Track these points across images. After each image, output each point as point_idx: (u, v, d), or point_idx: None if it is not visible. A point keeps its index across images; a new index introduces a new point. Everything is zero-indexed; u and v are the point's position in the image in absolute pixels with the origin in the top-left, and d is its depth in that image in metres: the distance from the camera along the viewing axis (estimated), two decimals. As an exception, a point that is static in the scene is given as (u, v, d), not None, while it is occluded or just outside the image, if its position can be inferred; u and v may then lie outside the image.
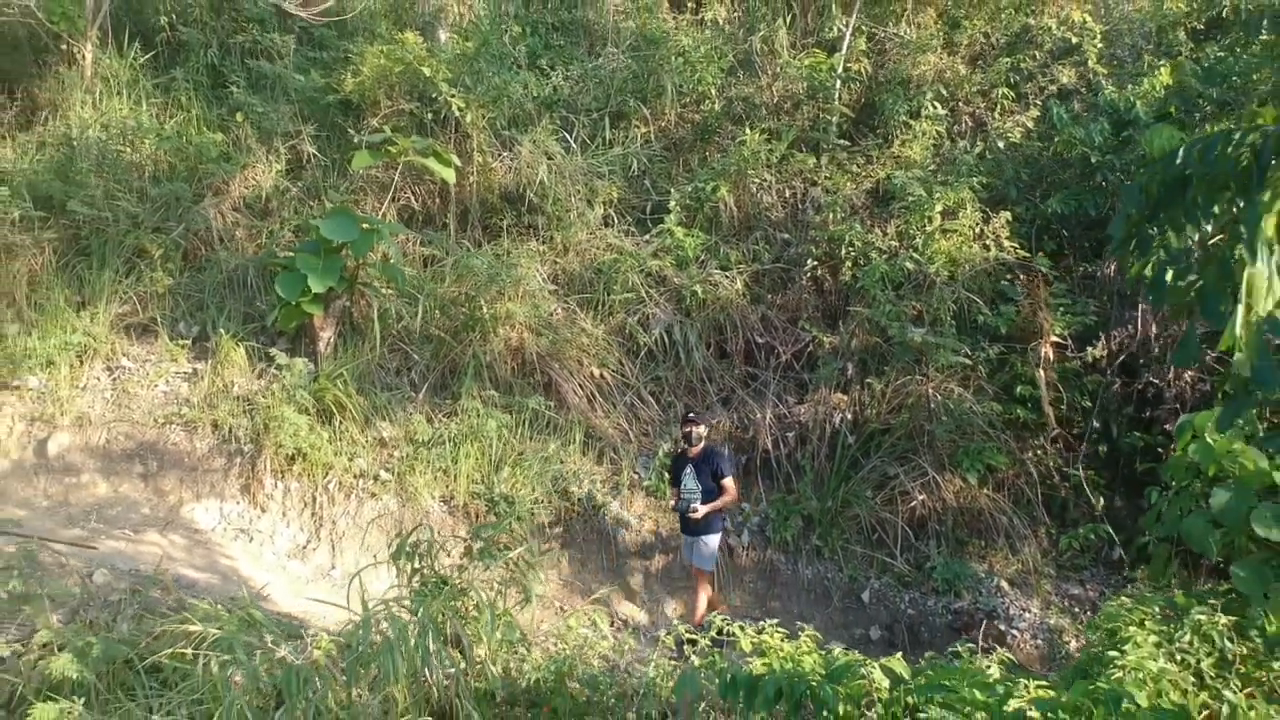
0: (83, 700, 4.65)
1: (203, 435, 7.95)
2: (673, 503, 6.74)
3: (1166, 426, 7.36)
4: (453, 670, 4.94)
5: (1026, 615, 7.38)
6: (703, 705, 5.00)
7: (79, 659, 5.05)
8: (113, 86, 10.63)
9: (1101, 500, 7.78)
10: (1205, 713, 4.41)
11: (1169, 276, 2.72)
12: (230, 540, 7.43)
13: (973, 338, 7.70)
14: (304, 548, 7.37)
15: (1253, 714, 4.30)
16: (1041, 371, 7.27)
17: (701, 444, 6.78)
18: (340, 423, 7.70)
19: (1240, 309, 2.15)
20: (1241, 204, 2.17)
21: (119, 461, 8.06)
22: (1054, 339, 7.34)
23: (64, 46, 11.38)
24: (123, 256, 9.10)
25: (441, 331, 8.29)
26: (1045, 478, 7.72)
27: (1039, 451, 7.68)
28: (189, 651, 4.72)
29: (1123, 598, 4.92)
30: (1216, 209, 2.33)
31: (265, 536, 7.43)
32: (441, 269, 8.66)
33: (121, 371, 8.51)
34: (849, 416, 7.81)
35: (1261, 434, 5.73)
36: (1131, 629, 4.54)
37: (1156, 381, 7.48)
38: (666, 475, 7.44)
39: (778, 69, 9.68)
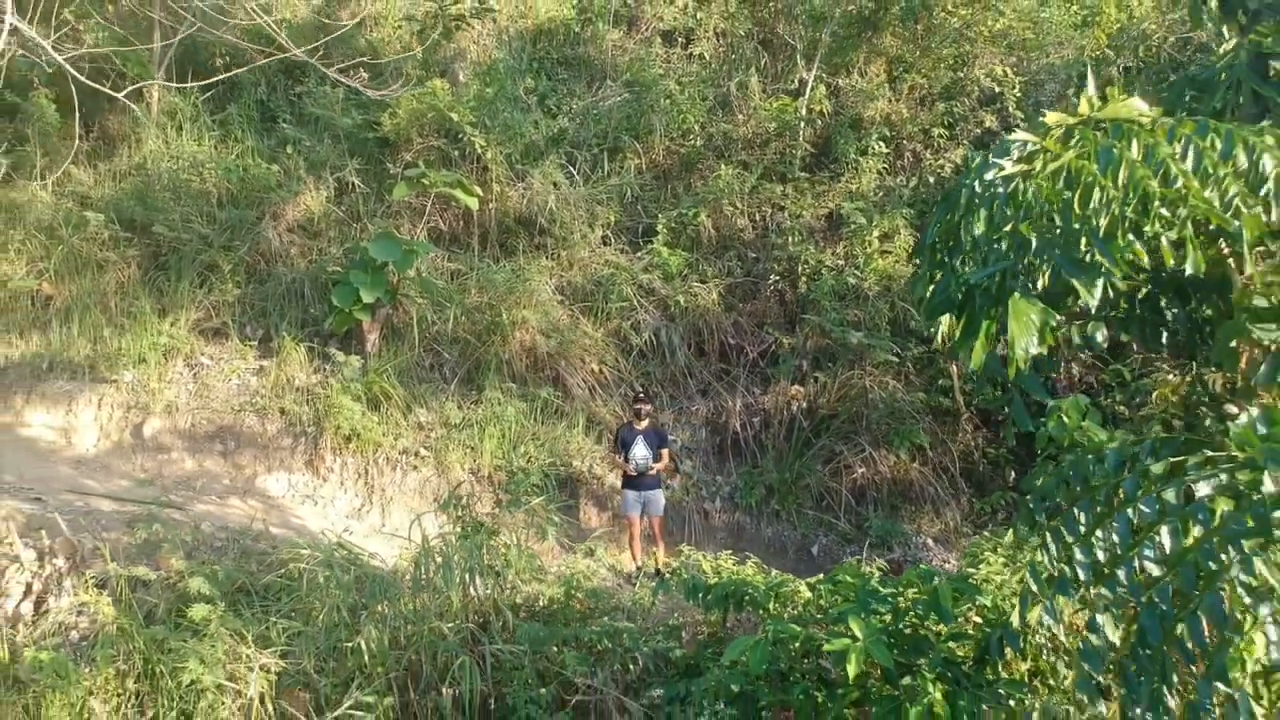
0: (223, 607, 6.34)
1: (272, 419, 9.64)
2: (630, 468, 8.13)
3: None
4: (489, 591, 6.63)
5: (946, 566, 9.06)
6: (676, 614, 6.71)
7: (210, 581, 6.75)
8: (177, 121, 12.30)
9: (1013, 473, 9.48)
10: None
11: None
12: (298, 504, 9.13)
13: (903, 339, 9.39)
14: (359, 509, 9.07)
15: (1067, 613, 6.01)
16: (954, 367, 8.95)
17: (648, 420, 8.35)
18: (386, 409, 9.40)
19: (945, 327, 3.79)
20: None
21: (202, 442, 9.75)
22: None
23: (128, 84, 13.07)
24: (197, 270, 10.78)
25: (467, 334, 9.98)
26: (966, 454, 9.42)
27: (959, 433, 9.38)
28: (301, 566, 6.41)
29: (984, 533, 6.61)
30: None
31: (327, 501, 9.13)
32: (466, 282, 10.34)
33: (200, 367, 10.20)
34: (803, 404, 9.51)
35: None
36: (986, 553, 6.24)
37: (1051, 375, 9.16)
38: (612, 441, 8.80)
39: (751, 110, 11.37)
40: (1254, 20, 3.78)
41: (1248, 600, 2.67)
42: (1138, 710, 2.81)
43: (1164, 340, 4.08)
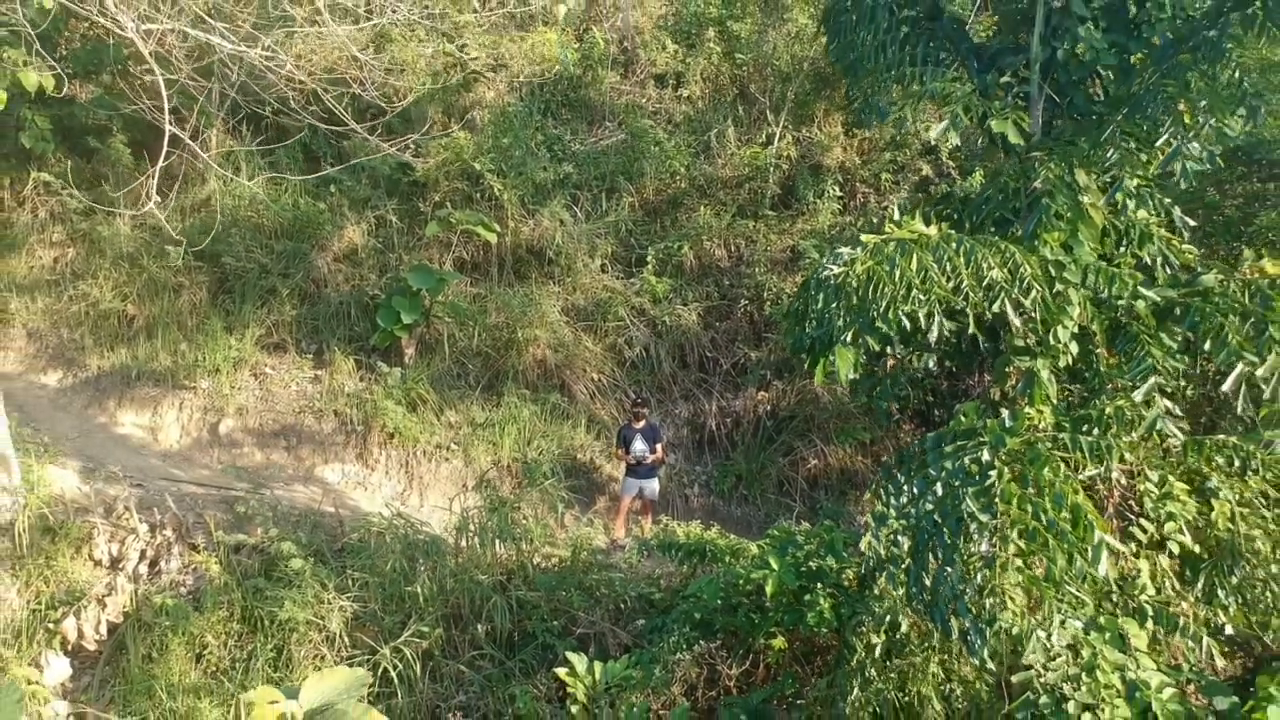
0: (312, 562, 8.30)
1: (327, 420, 11.61)
2: (631, 459, 10.03)
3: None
4: (514, 551, 8.59)
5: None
6: (656, 570, 8.68)
7: (297, 544, 8.72)
8: (233, 162, 14.24)
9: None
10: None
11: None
12: (351, 489, 11.11)
13: (849, 354, 11.35)
14: (401, 494, 11.04)
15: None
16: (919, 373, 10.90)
17: (644, 421, 10.27)
18: (422, 411, 11.37)
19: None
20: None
21: (268, 438, 11.72)
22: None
23: (186, 126, 15.03)
24: (258, 294, 12.72)
25: (488, 348, 11.95)
26: (901, 450, 11.37)
27: (897, 430, 11.33)
28: (373, 530, 8.37)
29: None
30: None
31: (375, 487, 11.10)
32: (487, 304, 12.31)
33: (265, 377, 12.17)
34: (767, 407, 11.50)
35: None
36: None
37: (969, 381, 11.12)
38: (614, 440, 10.73)
39: (728, 156, 13.34)
40: (1027, 150, 5.76)
41: (970, 523, 4.63)
42: (913, 588, 4.77)
43: (976, 365, 6.05)
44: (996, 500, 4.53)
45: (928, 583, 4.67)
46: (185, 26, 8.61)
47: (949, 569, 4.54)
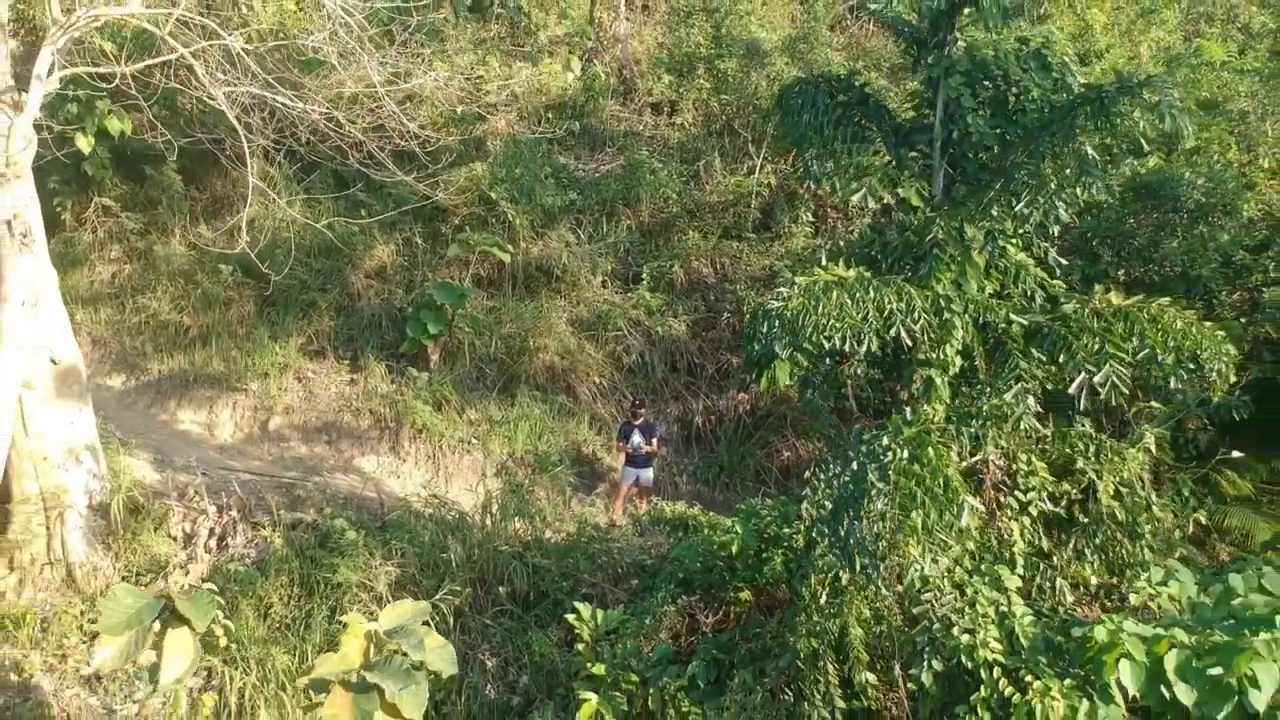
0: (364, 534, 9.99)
1: (363, 417, 13.29)
2: (629, 449, 11.67)
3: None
4: (529, 526, 10.28)
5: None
6: (648, 541, 10.38)
7: (349, 523, 10.40)
8: (275, 186, 15.90)
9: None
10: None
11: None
12: (385, 478, 12.79)
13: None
14: (429, 481, 12.72)
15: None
16: (850, 382, 12.58)
17: (642, 419, 11.98)
18: (446, 410, 13.06)
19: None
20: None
21: (312, 434, 13.40)
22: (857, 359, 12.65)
23: (229, 155, 16.69)
24: (299, 306, 14.41)
25: (503, 355, 13.64)
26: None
27: (859, 426, 13.00)
28: (414, 508, 10.07)
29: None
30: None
31: (406, 475, 12.79)
32: (502, 316, 13.99)
33: (307, 379, 13.85)
34: (747, 407, 13.19)
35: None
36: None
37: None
38: (615, 435, 12.40)
39: (715, 184, 15.04)
40: (928, 209, 7.45)
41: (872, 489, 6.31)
42: (832, 537, 6.46)
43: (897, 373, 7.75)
44: (890, 472, 6.22)
45: (842, 533, 6.36)
46: (255, 89, 10.32)
47: (856, 522, 6.23)
